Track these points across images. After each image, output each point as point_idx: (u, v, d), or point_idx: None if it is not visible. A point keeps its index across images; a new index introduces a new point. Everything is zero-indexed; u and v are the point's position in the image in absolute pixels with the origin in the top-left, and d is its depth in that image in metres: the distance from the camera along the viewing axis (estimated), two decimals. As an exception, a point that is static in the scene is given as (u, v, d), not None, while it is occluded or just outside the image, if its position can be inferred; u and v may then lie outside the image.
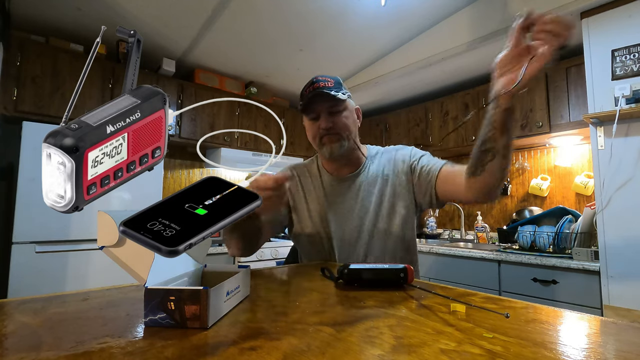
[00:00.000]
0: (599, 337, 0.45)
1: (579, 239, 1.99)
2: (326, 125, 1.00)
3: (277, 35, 2.57)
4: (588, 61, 1.96)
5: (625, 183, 1.80)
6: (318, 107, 1.01)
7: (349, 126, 1.03)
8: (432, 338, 0.42)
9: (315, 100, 1.00)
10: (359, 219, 1.03)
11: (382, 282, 0.67)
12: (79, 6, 2.17)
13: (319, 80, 1.01)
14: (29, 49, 2.22)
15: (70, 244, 2.12)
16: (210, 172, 3.40)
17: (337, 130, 1.01)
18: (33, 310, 0.50)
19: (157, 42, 2.61)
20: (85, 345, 0.38)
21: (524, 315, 0.52)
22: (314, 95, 0.98)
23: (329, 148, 1.02)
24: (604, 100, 1.88)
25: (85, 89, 2.39)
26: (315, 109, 1.01)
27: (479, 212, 3.01)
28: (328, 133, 1.01)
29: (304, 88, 1.04)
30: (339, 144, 1.01)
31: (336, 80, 1.04)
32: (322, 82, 1.00)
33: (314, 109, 1.01)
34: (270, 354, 0.36)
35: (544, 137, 2.50)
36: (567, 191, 2.61)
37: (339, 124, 1.01)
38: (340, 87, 1.02)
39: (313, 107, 1.01)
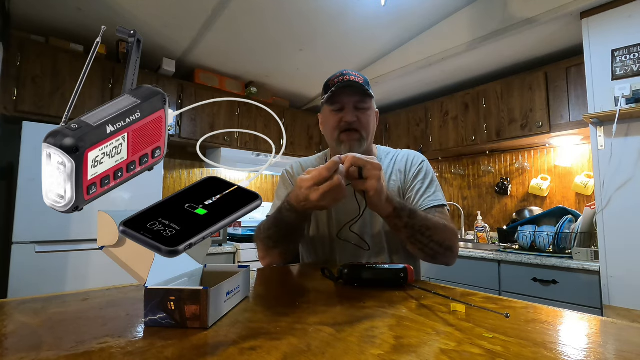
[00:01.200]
0: (599, 337, 0.45)
1: (579, 239, 1.99)
2: (350, 119, 0.96)
3: (277, 35, 2.57)
4: (588, 61, 1.96)
5: (625, 183, 1.80)
6: (345, 98, 0.97)
7: (371, 126, 1.00)
8: (432, 338, 0.42)
9: (344, 91, 0.96)
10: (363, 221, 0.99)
11: (382, 282, 0.67)
12: (79, 6, 2.17)
13: (350, 74, 0.97)
14: (29, 49, 2.22)
15: (70, 244, 2.12)
16: (210, 172, 3.40)
17: (359, 127, 0.97)
18: (33, 310, 0.50)
19: (157, 42, 2.61)
20: (85, 345, 0.38)
21: (524, 315, 0.52)
22: (345, 85, 0.95)
23: (347, 145, 0.97)
24: (604, 100, 1.88)
25: (85, 89, 2.39)
26: (342, 100, 0.97)
27: (479, 212, 3.01)
28: (349, 128, 0.97)
29: (331, 79, 1.00)
30: (359, 143, 0.98)
31: (365, 78, 1.00)
32: (352, 76, 0.97)
33: (341, 99, 0.97)
34: (270, 354, 0.36)
35: (544, 137, 2.50)
36: (567, 191, 2.61)
37: (363, 121, 0.98)
38: (368, 85, 0.99)
39: (341, 97, 0.97)
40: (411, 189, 1.00)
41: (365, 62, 3.03)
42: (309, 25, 2.46)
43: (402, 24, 2.48)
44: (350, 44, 2.70)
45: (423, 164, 1.04)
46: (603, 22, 1.92)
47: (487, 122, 2.74)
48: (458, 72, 2.85)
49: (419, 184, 1.00)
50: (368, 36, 2.59)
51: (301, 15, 2.32)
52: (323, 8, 2.25)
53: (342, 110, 0.98)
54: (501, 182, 2.93)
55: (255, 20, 2.37)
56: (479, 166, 3.15)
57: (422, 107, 3.24)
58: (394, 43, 2.74)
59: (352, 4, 2.21)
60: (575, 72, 2.28)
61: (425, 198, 0.97)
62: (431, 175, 1.03)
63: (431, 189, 0.99)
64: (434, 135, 3.13)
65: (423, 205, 0.96)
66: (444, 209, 0.98)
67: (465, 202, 3.22)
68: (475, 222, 2.95)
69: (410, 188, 1.01)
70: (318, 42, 2.66)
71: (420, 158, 1.07)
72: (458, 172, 3.27)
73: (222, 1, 2.17)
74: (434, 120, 3.13)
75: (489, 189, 3.06)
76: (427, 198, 0.97)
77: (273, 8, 2.25)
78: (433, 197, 0.97)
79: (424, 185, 1.00)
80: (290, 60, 2.94)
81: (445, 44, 2.52)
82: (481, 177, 3.13)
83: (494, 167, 3.04)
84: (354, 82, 0.95)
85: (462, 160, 3.27)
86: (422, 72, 2.82)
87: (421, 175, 1.01)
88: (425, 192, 0.98)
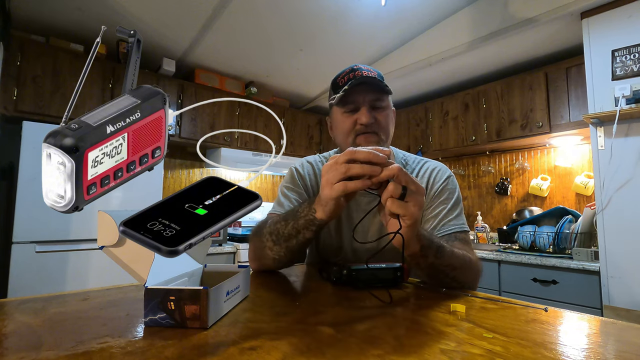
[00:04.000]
0: (599, 337, 0.45)
1: (579, 239, 1.99)
2: (367, 120, 0.84)
3: (277, 35, 2.57)
4: (588, 61, 1.96)
5: (625, 183, 1.80)
6: (360, 97, 0.85)
7: (389, 128, 0.89)
8: (432, 338, 0.42)
9: (357, 90, 0.84)
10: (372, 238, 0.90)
11: (380, 281, 0.68)
12: (79, 6, 2.17)
13: (362, 69, 0.86)
14: (29, 49, 2.22)
15: (70, 244, 2.12)
16: (210, 172, 3.41)
17: (378, 129, 0.86)
18: (33, 310, 0.50)
19: (157, 42, 2.61)
20: (85, 345, 0.38)
21: (524, 315, 0.52)
22: (359, 82, 0.83)
23: None
24: (604, 100, 1.88)
25: (85, 88, 2.39)
26: (356, 99, 0.85)
27: (479, 212, 3.01)
28: (366, 131, 0.85)
29: (340, 76, 0.89)
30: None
31: (379, 73, 0.89)
32: (365, 71, 0.86)
33: (355, 99, 0.85)
34: (270, 354, 0.36)
35: (544, 137, 2.50)
36: (567, 191, 2.61)
37: (382, 121, 0.86)
38: (383, 80, 0.88)
39: (354, 97, 0.85)
40: (432, 210, 0.87)
41: (365, 62, 3.03)
42: (309, 25, 2.46)
43: (402, 24, 2.48)
44: (350, 44, 2.70)
45: (448, 181, 0.91)
46: (603, 22, 1.92)
47: (487, 122, 2.74)
48: (458, 72, 2.85)
49: (441, 205, 0.87)
50: (368, 36, 2.59)
51: (301, 15, 2.32)
52: (323, 8, 2.25)
53: (357, 110, 0.86)
54: (501, 182, 2.93)
55: (256, 20, 2.37)
56: (479, 166, 3.15)
57: (422, 107, 3.24)
58: (394, 43, 2.74)
59: (352, 4, 2.21)
60: (576, 72, 2.28)
61: (448, 223, 0.85)
62: (456, 194, 0.90)
63: (454, 212, 0.87)
64: (434, 135, 3.13)
65: (443, 231, 0.84)
66: (467, 235, 0.86)
67: (465, 202, 3.22)
68: (475, 222, 2.95)
69: (431, 209, 0.88)
70: (318, 42, 2.66)
71: (446, 173, 0.93)
72: (458, 172, 3.27)
73: (222, 1, 2.17)
74: (434, 120, 3.13)
75: (489, 189, 3.06)
76: (449, 223, 0.85)
77: (273, 8, 2.25)
78: (455, 221, 0.86)
79: (447, 206, 0.87)
80: (290, 60, 2.94)
81: (445, 44, 2.52)
82: (481, 177, 3.13)
83: (494, 167, 3.04)
84: (368, 78, 0.84)
85: (462, 160, 3.27)
86: (422, 72, 2.82)
87: (445, 194, 0.89)
88: (447, 216, 0.86)
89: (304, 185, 0.97)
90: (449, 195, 0.89)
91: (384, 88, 0.85)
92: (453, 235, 0.83)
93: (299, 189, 0.95)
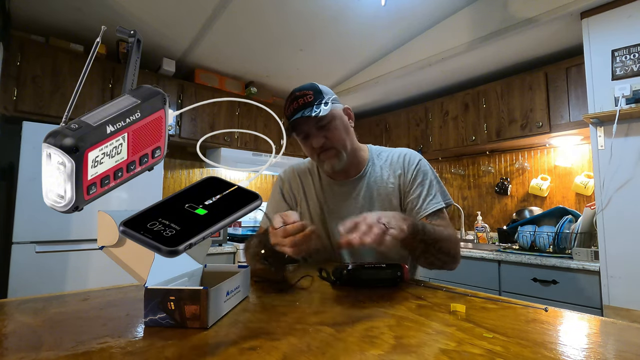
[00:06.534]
0: (599, 337, 0.45)
1: (579, 239, 1.99)
2: (318, 144, 0.95)
3: (277, 35, 2.57)
4: (588, 61, 1.96)
5: (625, 183, 1.80)
6: (304, 126, 0.95)
7: (343, 137, 0.98)
8: (432, 338, 0.42)
9: (299, 122, 0.94)
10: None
11: (380, 280, 0.68)
12: (79, 6, 2.17)
13: (297, 97, 0.94)
14: (29, 49, 2.22)
15: (70, 244, 2.12)
16: (210, 172, 3.40)
17: (332, 145, 0.96)
18: (33, 310, 0.50)
19: (157, 42, 2.61)
20: (85, 345, 0.38)
21: (524, 315, 0.52)
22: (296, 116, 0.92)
23: (329, 164, 0.98)
24: (604, 100, 1.88)
25: (85, 89, 2.39)
26: (302, 129, 0.96)
27: (478, 212, 3.01)
28: (323, 149, 0.97)
29: (286, 106, 0.98)
30: (337, 158, 0.97)
31: (314, 89, 0.96)
32: (300, 99, 0.93)
33: (301, 129, 0.97)
34: (270, 354, 0.36)
35: (544, 137, 2.50)
36: (567, 191, 2.61)
37: (332, 138, 0.96)
38: (320, 96, 0.95)
39: (300, 127, 0.96)
40: (411, 193, 1.00)
41: (365, 62, 3.03)
42: (309, 25, 2.46)
43: (402, 24, 2.48)
44: (350, 44, 2.70)
45: (420, 164, 1.03)
46: (603, 22, 1.92)
47: (487, 122, 2.74)
48: (458, 72, 2.84)
49: (419, 188, 0.99)
50: (368, 36, 2.59)
51: (301, 15, 2.32)
52: (323, 8, 2.25)
53: (309, 136, 0.97)
54: (501, 182, 2.93)
55: (255, 20, 2.37)
56: (479, 166, 3.15)
57: (422, 107, 3.24)
58: (394, 43, 2.74)
59: (352, 4, 2.21)
60: (575, 72, 2.28)
61: (428, 202, 0.97)
62: (429, 175, 1.02)
63: (431, 192, 0.99)
64: (434, 135, 3.13)
65: (426, 210, 0.96)
66: (444, 212, 0.99)
67: (465, 202, 3.22)
68: (475, 222, 2.95)
69: (410, 192, 1.00)
70: (318, 42, 2.66)
71: (417, 157, 1.05)
72: (458, 172, 3.27)
73: (222, 1, 2.17)
74: (434, 120, 3.13)
75: (489, 189, 3.06)
76: (429, 202, 0.97)
77: (273, 8, 2.25)
78: (434, 200, 0.98)
79: (424, 188, 0.99)
80: (290, 60, 2.94)
81: (445, 44, 2.52)
82: (481, 177, 3.13)
83: (494, 167, 3.04)
84: (303, 106, 0.92)
85: (462, 160, 3.27)
86: (422, 72, 2.82)
87: (420, 177, 1.01)
88: (426, 197, 0.98)
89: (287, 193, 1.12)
90: (424, 177, 1.01)
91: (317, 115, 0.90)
92: (434, 214, 0.96)
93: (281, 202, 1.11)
